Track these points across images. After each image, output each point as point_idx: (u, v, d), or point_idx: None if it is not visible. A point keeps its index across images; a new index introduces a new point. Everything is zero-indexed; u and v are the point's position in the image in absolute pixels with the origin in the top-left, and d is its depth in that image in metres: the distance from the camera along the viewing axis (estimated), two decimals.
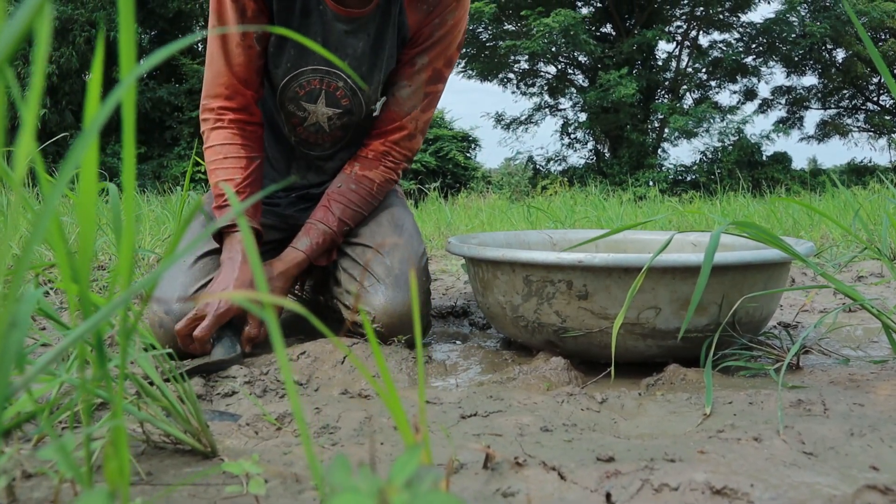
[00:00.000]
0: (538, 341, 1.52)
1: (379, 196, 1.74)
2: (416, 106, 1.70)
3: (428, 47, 1.65)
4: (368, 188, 1.71)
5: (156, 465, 0.82)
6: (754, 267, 1.37)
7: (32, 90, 0.28)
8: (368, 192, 1.71)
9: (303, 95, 1.68)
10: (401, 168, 1.76)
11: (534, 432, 0.99)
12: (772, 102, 20.67)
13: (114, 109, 0.33)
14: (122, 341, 0.37)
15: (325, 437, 0.99)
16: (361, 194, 1.70)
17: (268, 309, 0.32)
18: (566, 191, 12.02)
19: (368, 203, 1.72)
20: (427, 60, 1.66)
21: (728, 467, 0.79)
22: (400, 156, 1.74)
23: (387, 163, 1.73)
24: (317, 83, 1.66)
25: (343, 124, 1.73)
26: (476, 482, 0.80)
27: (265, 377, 1.36)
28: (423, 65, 1.66)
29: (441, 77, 1.70)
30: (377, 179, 1.72)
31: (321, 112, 1.71)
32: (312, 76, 1.65)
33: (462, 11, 1.64)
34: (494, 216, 6.57)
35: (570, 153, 23.08)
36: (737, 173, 15.47)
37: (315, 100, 1.68)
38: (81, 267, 0.36)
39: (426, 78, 1.68)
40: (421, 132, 1.75)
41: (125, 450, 0.37)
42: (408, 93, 1.69)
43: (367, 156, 1.73)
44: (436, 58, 1.66)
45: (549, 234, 2.12)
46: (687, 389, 1.25)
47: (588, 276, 1.37)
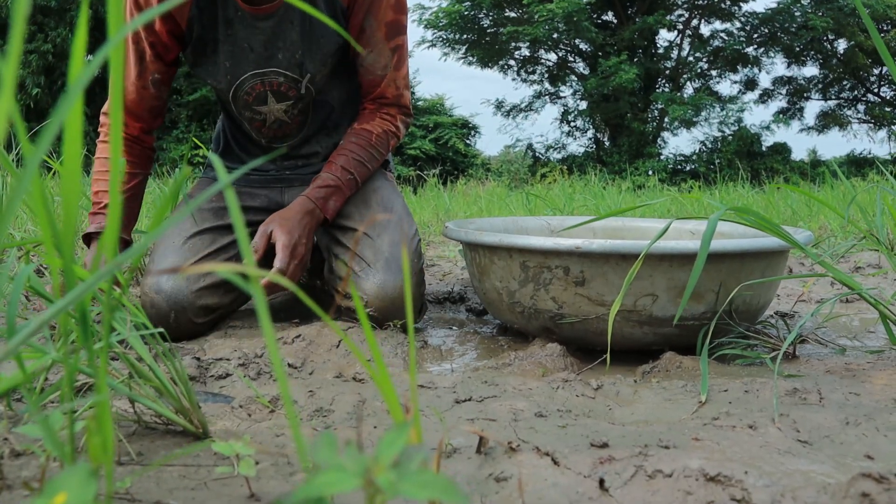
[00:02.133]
0: (534, 327, 1.52)
1: (380, 147, 1.73)
2: (387, 66, 1.70)
3: (369, 7, 1.62)
4: (367, 138, 1.70)
5: (146, 446, 0.82)
6: (752, 255, 1.36)
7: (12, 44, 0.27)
8: (367, 142, 1.70)
9: (252, 101, 1.71)
10: (398, 121, 1.76)
11: (528, 418, 0.98)
12: (772, 93, 20.60)
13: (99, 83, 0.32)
14: (105, 312, 0.36)
15: (318, 420, 0.98)
16: (361, 144, 1.69)
17: (254, 283, 0.31)
18: (565, 179, 11.99)
19: (369, 153, 1.71)
20: (374, 21, 1.64)
21: (722, 454, 0.79)
22: (394, 110, 1.76)
23: (382, 115, 1.74)
24: (259, 86, 1.68)
25: (301, 109, 1.75)
26: (469, 466, 0.80)
27: (259, 359, 1.36)
28: (372, 27, 1.65)
29: (397, 27, 1.68)
30: (375, 130, 1.72)
31: (275, 109, 1.73)
32: (253, 81, 1.67)
33: None
34: (493, 203, 6.55)
35: (570, 141, 23.04)
36: (736, 163, 15.44)
37: (265, 101, 1.71)
38: (65, 238, 0.35)
39: (382, 36, 1.66)
40: (405, 87, 1.76)
41: (109, 425, 0.36)
42: (373, 58, 1.68)
43: (362, 114, 1.76)
44: (382, 12, 1.64)
45: (546, 221, 2.11)
46: (683, 377, 1.25)
47: (585, 262, 1.36)
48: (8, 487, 0.63)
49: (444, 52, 20.11)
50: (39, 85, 13.68)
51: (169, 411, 0.82)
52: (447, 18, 18.46)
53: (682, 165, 18.50)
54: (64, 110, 0.28)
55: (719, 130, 18.53)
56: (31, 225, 2.67)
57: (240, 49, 1.62)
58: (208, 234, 1.72)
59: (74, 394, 0.72)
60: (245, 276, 1.25)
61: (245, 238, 0.41)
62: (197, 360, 1.33)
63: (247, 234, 0.39)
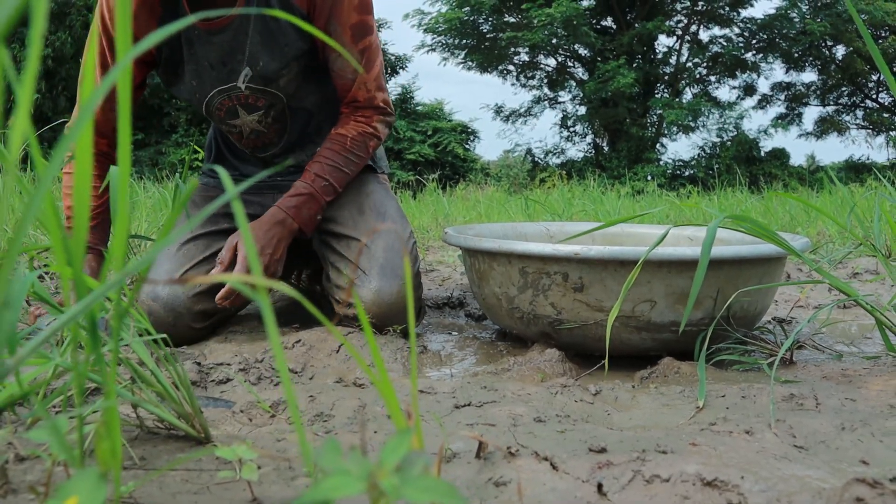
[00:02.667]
0: (533, 333, 1.53)
1: (356, 150, 1.69)
2: (356, 69, 1.66)
3: (330, 11, 1.58)
4: (342, 142, 1.67)
5: (149, 450, 0.82)
6: (750, 261, 1.37)
7: (28, 70, 0.28)
8: (342, 147, 1.67)
9: (224, 116, 1.71)
10: (375, 121, 1.72)
11: (527, 423, 0.99)
12: (771, 98, 20.67)
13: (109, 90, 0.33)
14: (115, 323, 0.37)
15: (319, 425, 0.99)
16: (335, 149, 1.66)
17: (262, 292, 0.32)
18: (564, 184, 12.01)
19: (345, 157, 1.67)
20: (337, 25, 1.60)
21: (719, 459, 0.80)
22: (369, 112, 1.71)
23: (357, 118, 1.71)
24: (227, 101, 1.68)
25: (275, 117, 1.74)
26: (468, 471, 0.80)
27: (260, 364, 1.36)
28: (337, 30, 1.60)
29: (363, 28, 1.63)
30: (349, 133, 1.68)
31: (248, 121, 1.73)
32: (219, 97, 1.67)
33: None
34: (492, 208, 6.56)
35: (569, 146, 23.09)
36: (735, 169, 15.48)
37: (236, 114, 1.71)
38: (75, 249, 0.36)
39: (348, 39, 1.61)
40: (376, 88, 1.71)
41: (117, 431, 0.37)
42: (341, 62, 1.65)
43: (339, 119, 1.73)
44: (345, 15, 1.59)
45: (546, 227, 2.12)
46: (680, 382, 1.26)
47: (584, 268, 1.37)
48: (13, 492, 0.64)
49: (443, 57, 20.18)
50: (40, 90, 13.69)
51: (171, 416, 0.83)
52: (447, 24, 18.53)
53: (680, 171, 18.54)
54: (76, 131, 0.29)
55: (718, 136, 18.60)
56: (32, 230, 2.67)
57: (202, 67, 1.62)
58: (202, 239, 1.73)
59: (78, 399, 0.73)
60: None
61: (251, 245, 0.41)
62: (198, 364, 1.33)
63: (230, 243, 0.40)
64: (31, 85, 0.29)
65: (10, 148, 0.28)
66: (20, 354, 0.32)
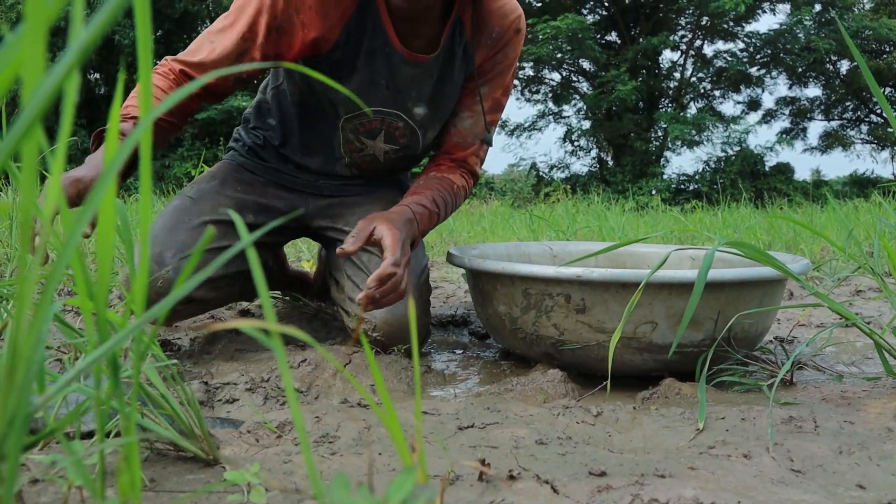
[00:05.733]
0: (536, 353, 1.54)
1: (457, 198, 1.72)
2: (478, 136, 1.73)
3: (489, 79, 1.69)
4: (449, 186, 1.69)
5: (159, 472, 0.84)
6: (750, 283, 1.39)
7: (61, 140, 0.30)
8: (450, 189, 1.69)
9: (363, 132, 1.70)
10: (471, 182, 1.78)
11: (529, 445, 1.01)
12: (775, 113, 20.70)
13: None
14: (135, 365, 0.39)
15: (325, 447, 1.01)
16: (445, 187, 1.68)
17: (275, 337, 0.34)
18: (568, 198, 12.04)
19: (449, 199, 1.69)
20: (487, 91, 1.70)
21: (717, 484, 0.81)
22: (469, 173, 1.77)
23: (463, 172, 1.75)
24: (378, 123, 1.68)
25: (399, 158, 1.78)
26: (471, 494, 0.82)
27: (266, 384, 1.38)
28: (484, 95, 1.69)
29: (500, 106, 1.74)
30: (457, 181, 1.72)
31: (379, 147, 1.74)
32: (374, 117, 1.67)
33: (520, 43, 1.69)
34: (497, 223, 6.59)
35: (574, 161, 23.11)
36: (739, 183, 15.50)
37: (374, 137, 1.71)
38: (99, 295, 0.38)
39: (488, 107, 1.71)
40: (482, 162, 1.79)
41: (137, 464, 0.39)
42: (470, 123, 1.72)
43: (439, 165, 1.75)
44: (495, 88, 1.70)
45: (549, 246, 2.14)
46: (681, 404, 1.27)
47: (586, 290, 1.39)
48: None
49: None
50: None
51: (181, 438, 0.85)
52: None
53: (685, 185, 18.57)
54: (99, 192, 0.31)
55: (722, 150, 18.62)
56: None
57: (375, 84, 1.61)
58: (220, 227, 1.67)
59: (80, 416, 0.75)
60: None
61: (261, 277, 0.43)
62: (205, 384, 1.35)
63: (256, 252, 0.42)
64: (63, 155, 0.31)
65: (46, 204, 0.30)
66: (49, 393, 0.34)
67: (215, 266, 0.38)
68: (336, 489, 0.36)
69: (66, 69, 0.26)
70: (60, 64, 0.26)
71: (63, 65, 0.26)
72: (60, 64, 0.26)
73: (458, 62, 1.65)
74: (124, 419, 0.40)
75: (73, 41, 0.27)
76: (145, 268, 0.42)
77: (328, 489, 0.37)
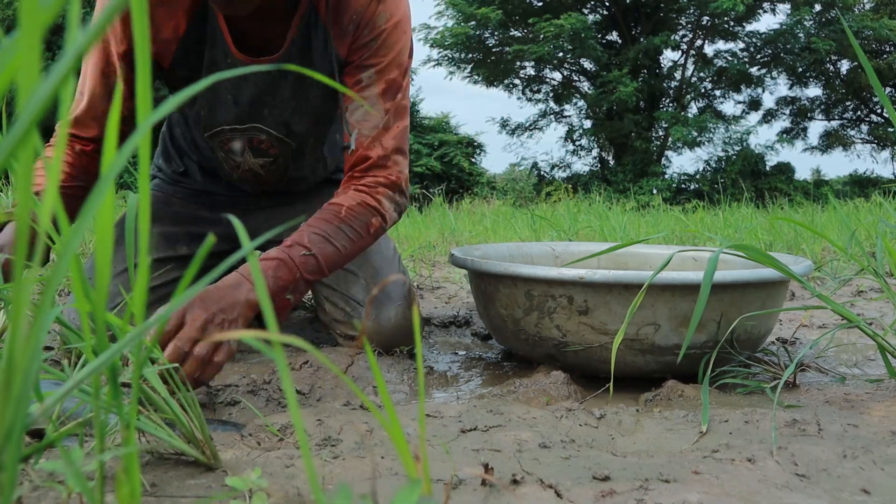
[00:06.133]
0: (539, 354, 1.54)
1: (353, 223, 1.42)
2: (377, 126, 1.47)
3: (369, 59, 1.45)
4: (335, 211, 1.41)
5: (160, 477, 0.84)
6: (752, 285, 1.38)
7: (57, 147, 0.30)
8: (335, 215, 1.41)
9: (228, 149, 1.61)
10: (381, 195, 1.47)
11: (532, 448, 1.00)
12: (776, 113, 20.70)
13: None
14: (135, 376, 0.39)
15: (327, 451, 1.00)
16: (326, 218, 1.40)
17: (277, 349, 0.34)
18: (570, 198, 12.04)
19: (336, 229, 1.40)
20: (374, 73, 1.45)
21: (721, 488, 0.81)
22: (373, 181, 1.48)
23: (359, 186, 1.47)
24: (238, 140, 1.58)
25: (277, 168, 1.66)
26: (474, 498, 0.82)
27: (268, 386, 1.38)
28: (370, 79, 1.45)
29: (397, 88, 1.48)
30: (346, 202, 1.43)
31: (252, 162, 1.63)
32: (230, 135, 1.57)
33: (393, 8, 1.44)
34: (498, 223, 6.58)
35: (575, 160, 23.10)
36: (740, 183, 15.49)
37: (241, 153, 1.61)
38: (98, 305, 0.37)
39: (379, 92, 1.46)
40: (395, 151, 1.50)
41: (137, 475, 0.38)
42: (361, 114, 1.47)
43: (340, 187, 1.50)
44: (384, 67, 1.45)
45: (551, 247, 2.13)
46: (684, 406, 1.27)
47: (589, 291, 1.39)
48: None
49: (449, 71, 20.26)
50: None
51: (182, 443, 0.84)
52: (453, 38, 18.61)
53: (686, 184, 18.57)
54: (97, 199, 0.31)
55: (723, 150, 18.62)
56: None
57: (222, 100, 1.51)
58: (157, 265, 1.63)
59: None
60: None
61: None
62: (206, 386, 1.35)
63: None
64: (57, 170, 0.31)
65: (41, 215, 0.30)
66: (47, 404, 0.34)
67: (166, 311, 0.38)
68: (338, 499, 0.35)
69: (62, 75, 0.26)
70: (56, 69, 0.26)
71: (59, 70, 0.26)
72: (56, 69, 0.26)
73: (317, 55, 1.46)
74: (124, 428, 0.39)
75: (69, 45, 0.27)
76: (145, 274, 0.42)
77: (330, 497, 0.36)
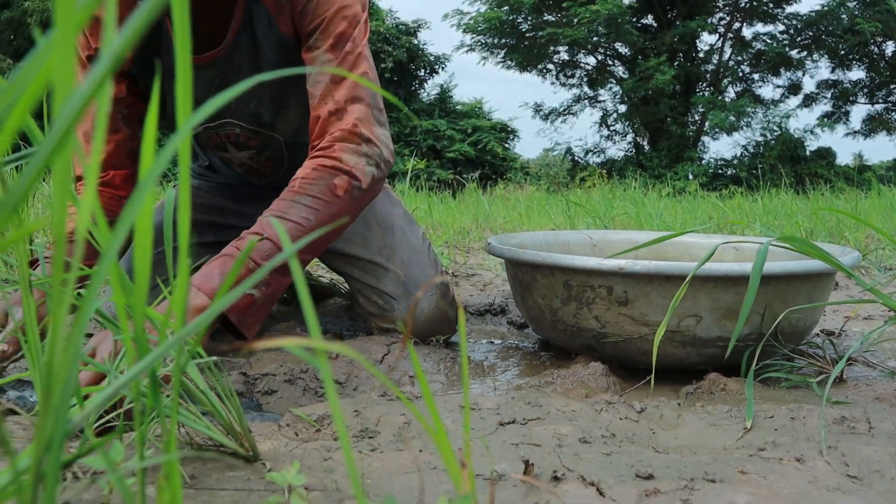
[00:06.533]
0: (577, 345, 1.52)
1: (310, 191, 1.31)
2: (323, 82, 1.38)
3: (311, 23, 1.37)
4: (290, 187, 1.33)
5: (199, 469, 0.84)
6: (799, 277, 1.35)
7: (94, 153, 0.29)
8: (289, 191, 1.32)
9: (212, 147, 1.62)
10: (338, 150, 1.35)
11: (572, 443, 0.99)
12: (816, 96, 20.29)
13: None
14: (175, 377, 0.38)
15: (365, 442, 0.99)
16: (283, 197, 1.32)
17: (321, 357, 0.32)
18: (605, 183, 11.93)
19: (290, 203, 1.30)
20: (318, 34, 1.37)
21: (769, 490, 0.79)
22: (329, 140, 1.36)
23: (315, 153, 1.37)
24: (215, 138, 1.57)
25: (270, 154, 1.62)
26: (514, 494, 0.80)
27: (305, 375, 1.37)
28: (317, 41, 1.37)
29: (346, 38, 1.37)
30: (300, 174, 1.34)
31: (238, 156, 1.62)
32: (205, 135, 1.56)
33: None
34: (532, 209, 6.54)
35: (609, 145, 22.97)
36: (779, 168, 15.23)
37: (225, 149, 1.61)
38: (136, 309, 0.36)
39: (326, 48, 1.36)
40: (350, 100, 1.37)
41: (178, 482, 0.37)
42: (313, 78, 1.39)
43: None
44: (327, 24, 1.36)
45: (589, 235, 2.11)
46: (727, 401, 1.24)
47: (629, 282, 1.36)
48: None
49: (482, 56, 20.20)
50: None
51: (221, 435, 0.84)
52: (486, 23, 18.52)
53: (722, 170, 18.31)
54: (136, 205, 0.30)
55: (762, 135, 18.31)
56: None
57: None
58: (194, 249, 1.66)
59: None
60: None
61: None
62: (244, 375, 1.35)
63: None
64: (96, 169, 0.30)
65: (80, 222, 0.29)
66: (87, 411, 0.33)
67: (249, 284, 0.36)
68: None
69: (100, 78, 0.25)
70: (93, 72, 0.25)
71: (96, 74, 0.24)
72: (93, 72, 0.25)
73: (263, 39, 1.41)
74: (165, 433, 0.38)
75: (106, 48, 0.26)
76: (185, 272, 0.41)
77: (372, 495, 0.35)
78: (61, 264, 0.27)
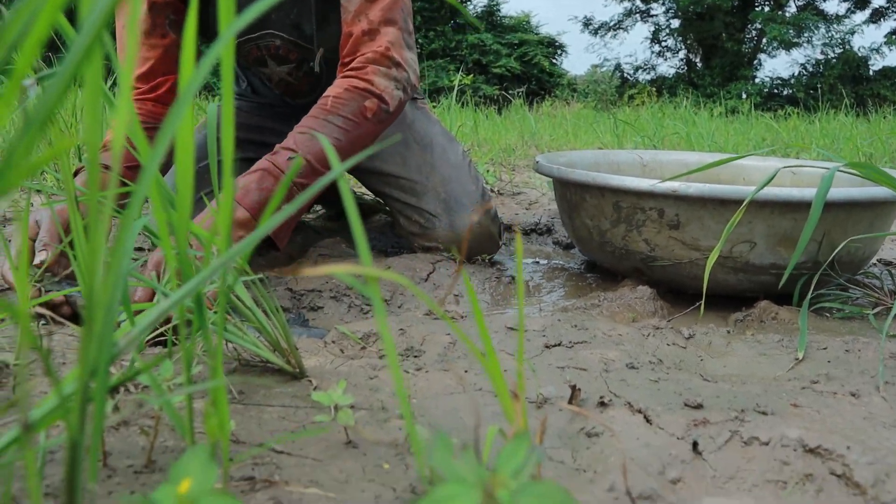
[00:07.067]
0: (625, 268, 1.49)
1: (342, 111, 1.34)
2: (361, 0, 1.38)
3: None
4: (322, 105, 1.35)
5: (246, 384, 0.84)
6: (861, 205, 1.29)
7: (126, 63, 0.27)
8: (321, 109, 1.34)
9: (252, 62, 1.59)
10: (370, 73, 1.38)
11: (619, 369, 0.97)
12: (886, 11, 19.30)
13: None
14: (221, 298, 0.37)
15: (410, 362, 0.99)
16: (313, 114, 1.34)
17: (372, 284, 0.31)
18: (654, 102, 11.64)
19: (323, 122, 1.33)
20: None
21: (823, 424, 0.77)
22: (362, 60, 1.39)
23: (347, 72, 1.39)
24: (255, 51, 1.55)
25: (307, 72, 1.61)
26: (560, 419, 0.80)
27: (350, 291, 1.38)
28: None
29: None
30: (332, 92, 1.36)
31: (277, 71, 1.61)
32: (247, 46, 1.54)
33: None
34: (580, 126, 6.42)
35: (660, 62, 22.35)
36: (839, 88, 14.68)
37: (264, 63, 1.59)
38: (180, 227, 0.35)
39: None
40: (383, 23, 1.39)
41: (225, 408, 0.37)
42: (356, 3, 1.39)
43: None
44: None
45: (639, 155, 2.05)
46: (778, 330, 1.21)
47: (681, 205, 1.32)
48: (108, 455, 0.66)
49: None
50: None
51: (268, 352, 0.84)
52: None
53: (778, 90, 17.69)
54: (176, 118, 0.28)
55: (822, 52, 17.58)
56: None
57: None
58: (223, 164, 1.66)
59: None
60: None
61: None
62: (290, 290, 1.36)
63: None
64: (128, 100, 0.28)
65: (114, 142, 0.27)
66: (132, 335, 0.32)
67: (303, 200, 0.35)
68: (438, 454, 0.33)
69: None
70: None
71: None
72: None
73: None
74: (211, 358, 0.37)
75: None
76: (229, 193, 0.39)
77: (429, 453, 0.34)
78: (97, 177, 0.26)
